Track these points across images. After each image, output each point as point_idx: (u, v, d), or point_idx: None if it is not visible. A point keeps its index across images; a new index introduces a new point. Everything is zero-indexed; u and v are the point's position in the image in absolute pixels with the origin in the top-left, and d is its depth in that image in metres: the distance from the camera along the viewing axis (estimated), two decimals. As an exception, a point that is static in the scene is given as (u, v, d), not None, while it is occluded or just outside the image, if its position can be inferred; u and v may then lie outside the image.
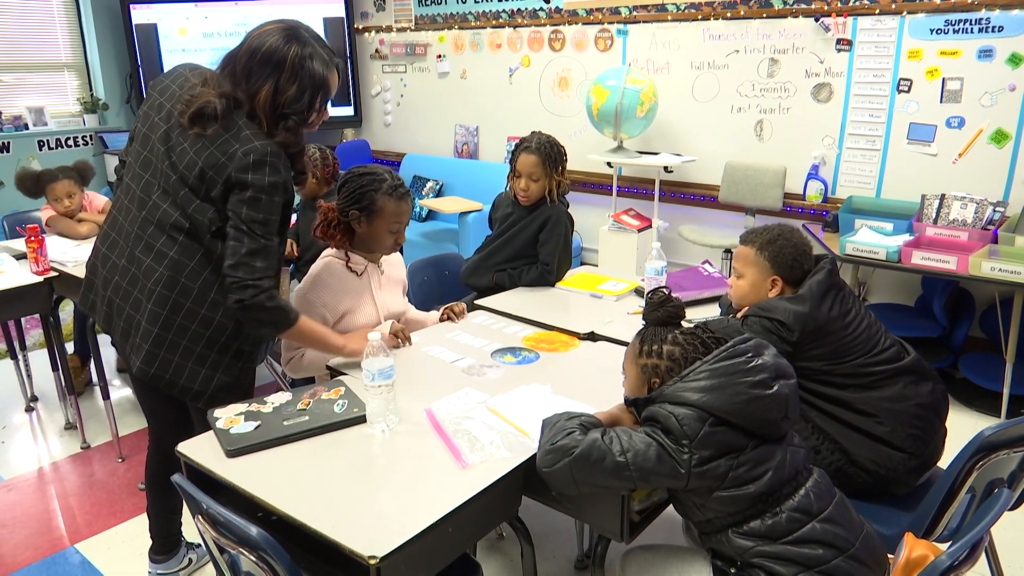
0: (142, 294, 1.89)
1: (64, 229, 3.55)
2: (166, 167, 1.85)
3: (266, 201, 1.80)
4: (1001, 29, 3.60)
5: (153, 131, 1.89)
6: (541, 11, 5.25)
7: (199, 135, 1.79)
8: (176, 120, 1.83)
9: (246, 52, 1.83)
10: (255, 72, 1.82)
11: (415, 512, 1.43)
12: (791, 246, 2.01)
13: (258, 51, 1.82)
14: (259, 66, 1.82)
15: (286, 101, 1.83)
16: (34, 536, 2.64)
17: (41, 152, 5.87)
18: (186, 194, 1.83)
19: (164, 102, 1.89)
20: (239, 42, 1.89)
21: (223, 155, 1.79)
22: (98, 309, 2.03)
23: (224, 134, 1.80)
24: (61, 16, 6.04)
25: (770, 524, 1.46)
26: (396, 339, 2.22)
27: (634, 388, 1.64)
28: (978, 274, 3.19)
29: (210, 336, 1.92)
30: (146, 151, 1.90)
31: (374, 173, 2.22)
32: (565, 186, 2.85)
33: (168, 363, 1.90)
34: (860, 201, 4.05)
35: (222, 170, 1.79)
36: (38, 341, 4.15)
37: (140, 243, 1.89)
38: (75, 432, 3.31)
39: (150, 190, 1.89)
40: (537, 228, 2.81)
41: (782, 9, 4.23)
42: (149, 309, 1.87)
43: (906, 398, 1.91)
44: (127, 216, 1.94)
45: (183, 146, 1.82)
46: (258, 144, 1.79)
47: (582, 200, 5.20)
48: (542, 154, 2.75)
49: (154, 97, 1.92)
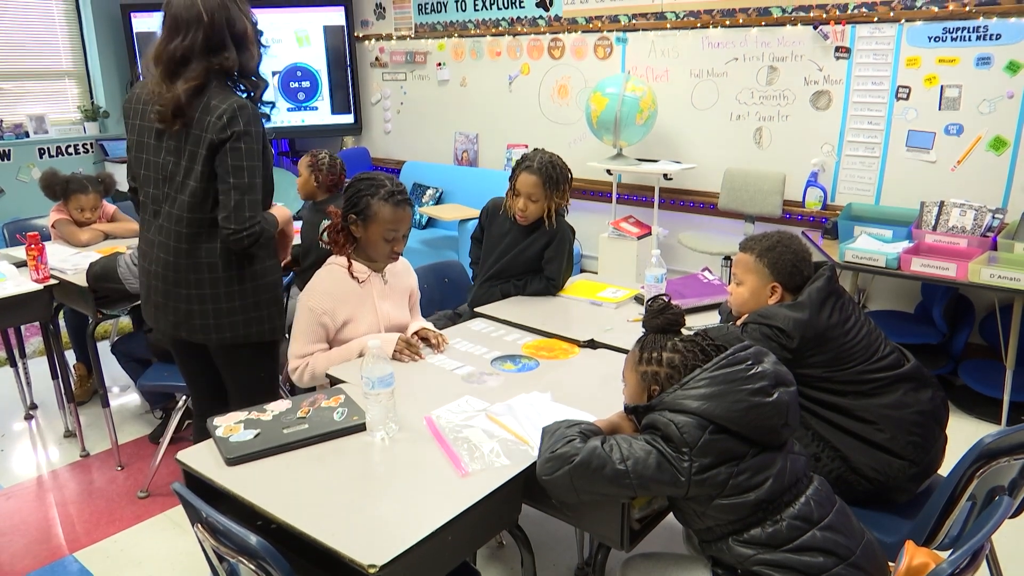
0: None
1: (67, 235, 3.56)
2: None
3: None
4: (999, 37, 3.62)
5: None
6: (541, 19, 5.27)
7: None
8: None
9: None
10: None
11: (415, 520, 1.43)
12: (790, 253, 2.01)
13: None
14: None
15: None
16: (33, 544, 2.63)
17: (42, 160, 5.88)
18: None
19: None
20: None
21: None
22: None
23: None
24: (62, 24, 6.06)
25: (771, 532, 1.46)
26: (408, 353, 2.21)
27: (634, 396, 1.64)
28: (977, 281, 3.20)
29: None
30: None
31: (374, 179, 2.23)
32: (564, 208, 2.79)
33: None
34: (859, 208, 4.05)
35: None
36: (38, 349, 4.15)
37: None
38: (74, 440, 3.30)
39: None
40: (542, 247, 2.78)
41: (781, 17, 4.25)
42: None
43: (906, 405, 1.91)
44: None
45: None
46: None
47: (582, 207, 5.20)
48: (543, 175, 2.65)
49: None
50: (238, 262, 2.12)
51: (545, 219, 2.74)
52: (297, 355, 2.19)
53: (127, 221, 3.81)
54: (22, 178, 5.80)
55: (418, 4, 5.90)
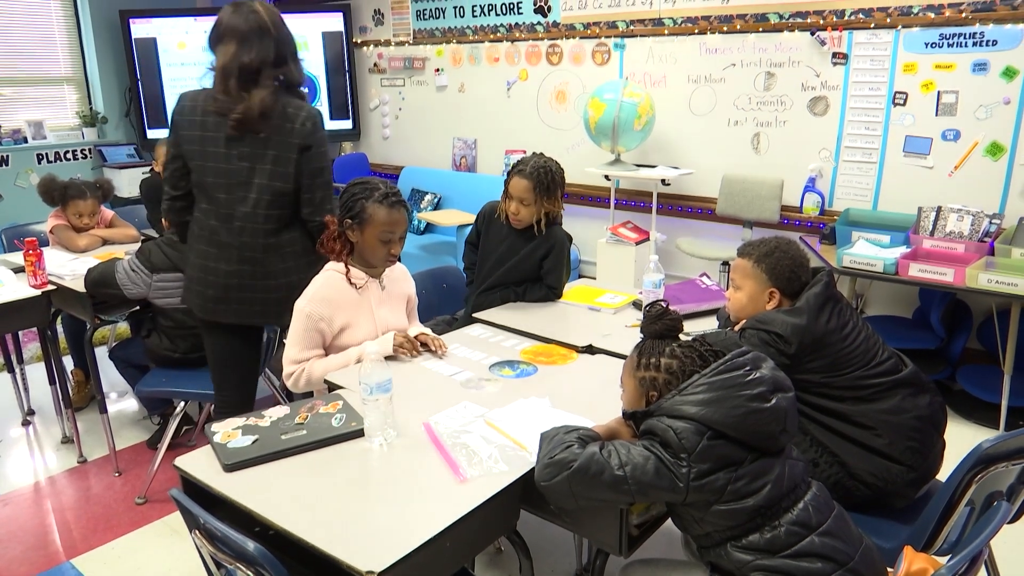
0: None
1: (65, 240, 3.57)
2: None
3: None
4: (995, 43, 3.63)
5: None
6: (539, 25, 5.28)
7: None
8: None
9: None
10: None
11: (413, 526, 1.43)
12: (788, 258, 2.01)
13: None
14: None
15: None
16: (30, 551, 2.63)
17: (40, 165, 5.88)
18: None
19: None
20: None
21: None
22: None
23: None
24: (61, 30, 6.06)
25: (769, 538, 1.46)
26: (411, 348, 2.24)
27: (632, 401, 1.64)
28: (975, 286, 3.20)
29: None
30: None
31: (367, 183, 2.24)
32: (557, 214, 2.79)
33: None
34: (857, 213, 4.06)
35: None
36: (35, 354, 4.14)
37: None
38: (72, 446, 3.30)
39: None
40: (541, 256, 2.79)
41: (778, 23, 4.26)
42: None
43: (904, 410, 1.91)
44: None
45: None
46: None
47: (580, 213, 5.21)
48: (534, 179, 2.68)
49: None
50: (312, 245, 2.36)
51: (535, 224, 2.75)
52: (293, 360, 2.19)
53: (125, 227, 3.81)
54: (20, 184, 5.80)
55: (416, 10, 5.91)
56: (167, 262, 2.89)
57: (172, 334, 2.98)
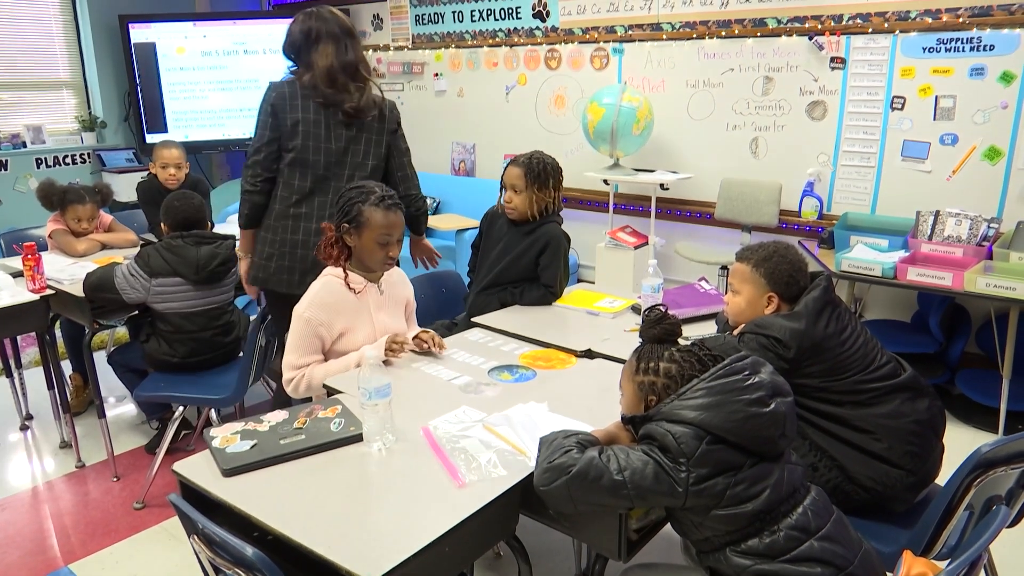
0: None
1: (64, 245, 3.56)
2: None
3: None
4: (992, 48, 3.64)
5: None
6: (537, 30, 5.29)
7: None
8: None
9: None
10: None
11: (412, 531, 1.43)
12: (787, 263, 2.01)
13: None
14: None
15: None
16: (27, 556, 2.62)
17: (39, 170, 5.88)
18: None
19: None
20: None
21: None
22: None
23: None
24: (60, 34, 6.07)
25: (768, 542, 1.45)
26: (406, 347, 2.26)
27: (631, 406, 1.64)
28: (973, 290, 3.21)
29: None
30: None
31: (363, 187, 2.25)
32: (551, 205, 2.83)
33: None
34: (855, 218, 4.07)
35: None
36: (34, 359, 4.13)
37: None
38: (70, 451, 3.29)
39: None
40: (537, 253, 2.80)
41: (776, 28, 4.27)
42: None
43: (903, 415, 1.91)
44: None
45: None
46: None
47: (579, 217, 5.22)
48: (525, 167, 2.77)
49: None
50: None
51: (530, 214, 2.79)
52: (293, 366, 2.19)
53: (124, 231, 3.81)
54: (19, 188, 5.81)
55: (415, 15, 5.93)
56: (166, 267, 2.89)
57: (171, 339, 2.97)
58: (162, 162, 3.78)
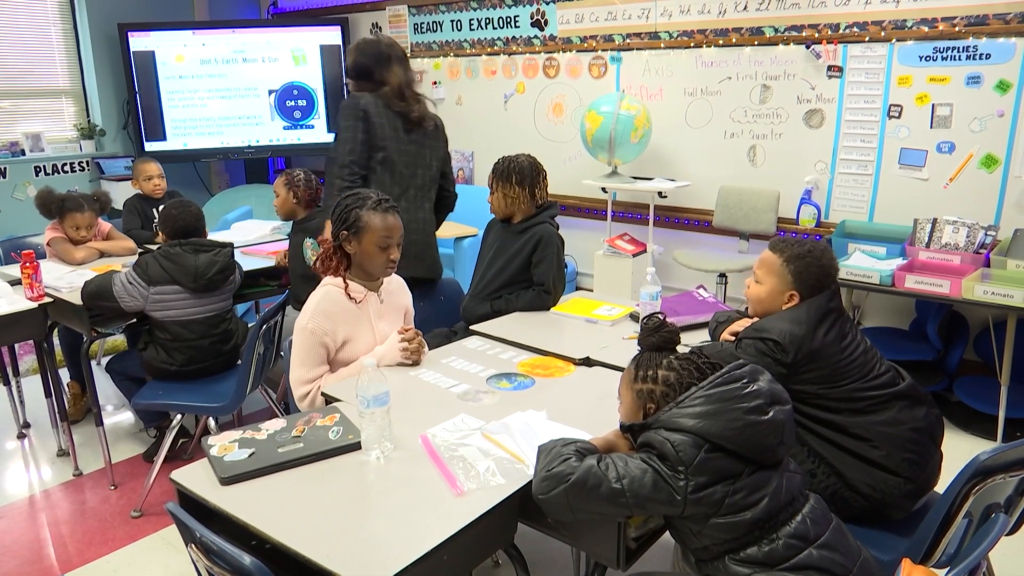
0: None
1: (63, 253, 3.57)
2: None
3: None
4: (988, 56, 3.66)
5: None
6: (536, 38, 5.31)
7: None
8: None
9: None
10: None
11: (410, 540, 1.43)
12: (818, 266, 1.97)
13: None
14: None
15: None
16: (24, 565, 2.61)
17: (38, 178, 5.88)
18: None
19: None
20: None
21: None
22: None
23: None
24: (59, 42, 6.08)
25: (767, 551, 1.45)
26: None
27: (629, 414, 1.64)
28: (971, 297, 3.21)
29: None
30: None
31: (358, 194, 2.25)
32: (527, 203, 2.86)
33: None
34: (853, 225, 4.07)
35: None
36: (31, 367, 4.13)
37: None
38: (67, 459, 3.28)
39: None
40: (529, 252, 2.82)
41: (773, 36, 4.29)
42: None
43: (901, 422, 1.91)
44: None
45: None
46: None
47: (577, 225, 5.22)
48: (494, 168, 2.90)
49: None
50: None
51: (507, 211, 2.90)
52: (304, 380, 2.18)
53: (123, 239, 3.81)
54: (18, 196, 5.80)
55: (414, 23, 5.94)
56: (164, 275, 2.89)
57: (169, 347, 2.97)
58: (146, 175, 4.07)
